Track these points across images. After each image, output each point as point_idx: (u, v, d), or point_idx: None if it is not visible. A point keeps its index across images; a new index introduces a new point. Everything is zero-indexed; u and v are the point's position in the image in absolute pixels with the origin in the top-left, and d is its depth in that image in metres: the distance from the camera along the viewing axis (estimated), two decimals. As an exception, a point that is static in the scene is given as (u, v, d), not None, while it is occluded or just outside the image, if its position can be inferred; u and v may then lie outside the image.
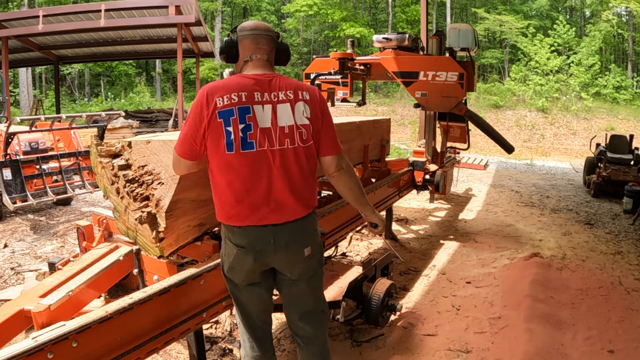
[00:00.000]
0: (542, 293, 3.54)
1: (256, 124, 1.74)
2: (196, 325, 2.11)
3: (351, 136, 3.81)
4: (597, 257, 4.64)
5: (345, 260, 4.42)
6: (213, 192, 1.82)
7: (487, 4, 25.70)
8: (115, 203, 2.17)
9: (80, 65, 23.24)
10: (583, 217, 6.42)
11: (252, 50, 1.84)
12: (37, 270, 4.08)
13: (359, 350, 2.93)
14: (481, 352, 2.85)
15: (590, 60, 20.41)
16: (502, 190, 8.22)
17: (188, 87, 23.89)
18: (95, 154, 2.16)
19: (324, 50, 26.55)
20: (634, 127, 15.78)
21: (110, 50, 13.88)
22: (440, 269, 4.32)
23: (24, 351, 1.45)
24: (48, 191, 5.30)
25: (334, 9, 23.02)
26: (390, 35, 5.05)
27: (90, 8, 10.76)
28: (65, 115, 5.95)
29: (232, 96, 1.73)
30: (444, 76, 4.70)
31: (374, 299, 2.76)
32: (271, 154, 1.75)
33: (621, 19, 22.80)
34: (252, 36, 1.85)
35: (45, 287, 2.28)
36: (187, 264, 2.39)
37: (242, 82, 1.78)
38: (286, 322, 2.09)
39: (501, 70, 24.35)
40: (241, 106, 1.73)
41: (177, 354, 2.84)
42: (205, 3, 24.08)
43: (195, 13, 10.09)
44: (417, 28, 21.93)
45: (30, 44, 12.36)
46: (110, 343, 1.70)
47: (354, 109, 12.82)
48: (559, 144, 16.04)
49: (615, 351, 2.84)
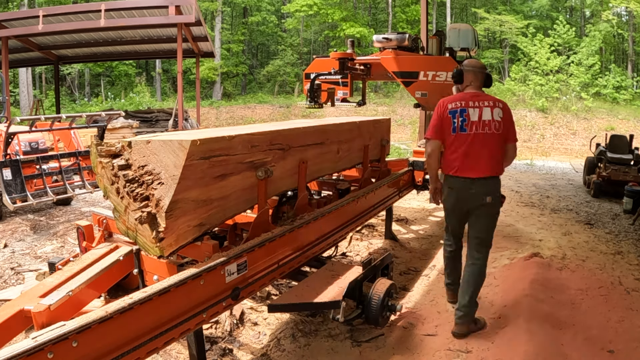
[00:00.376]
0: (542, 293, 3.54)
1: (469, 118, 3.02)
2: (196, 325, 2.11)
3: (351, 136, 3.81)
4: (597, 257, 4.64)
5: (345, 260, 4.42)
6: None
7: (487, 4, 25.71)
8: (115, 203, 2.17)
9: (80, 65, 23.26)
10: (583, 217, 6.42)
11: (470, 80, 3.15)
12: (37, 270, 4.08)
13: (359, 350, 2.93)
14: (481, 352, 2.85)
15: (590, 60, 20.41)
16: (502, 190, 8.21)
17: (188, 87, 23.90)
18: (95, 154, 2.16)
19: (324, 50, 26.57)
20: (634, 127, 15.79)
21: (110, 50, 13.89)
22: (440, 269, 4.32)
23: (24, 351, 1.45)
24: (48, 191, 5.30)
25: (334, 9, 23.04)
26: (390, 35, 5.06)
27: (90, 8, 10.78)
28: (65, 115, 5.95)
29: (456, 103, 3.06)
30: (444, 76, 4.71)
31: (374, 299, 2.76)
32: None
33: (621, 19, 22.81)
34: (472, 71, 3.15)
35: (45, 287, 2.28)
36: (187, 264, 2.39)
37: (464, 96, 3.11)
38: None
39: (501, 70, 24.36)
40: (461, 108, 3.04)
41: (177, 354, 2.85)
42: (205, 3, 24.07)
43: (195, 13, 10.10)
44: (417, 28, 21.95)
45: (30, 44, 12.36)
46: (110, 343, 1.70)
47: (354, 109, 12.83)
48: (559, 144, 16.05)
49: (615, 351, 2.84)
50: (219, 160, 2.25)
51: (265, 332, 3.16)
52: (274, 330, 3.17)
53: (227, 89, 25.37)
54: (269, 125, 3.37)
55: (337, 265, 3.13)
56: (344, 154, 3.68)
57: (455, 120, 3.00)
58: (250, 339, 3.08)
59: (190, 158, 2.04)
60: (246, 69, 27.22)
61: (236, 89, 26.70)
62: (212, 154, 2.19)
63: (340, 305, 2.56)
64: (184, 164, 2.01)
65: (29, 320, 2.10)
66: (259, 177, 2.54)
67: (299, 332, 3.10)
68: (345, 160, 3.76)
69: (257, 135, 2.55)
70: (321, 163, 3.35)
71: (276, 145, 2.71)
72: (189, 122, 12.92)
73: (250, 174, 2.51)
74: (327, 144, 3.37)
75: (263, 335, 3.12)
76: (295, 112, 20.18)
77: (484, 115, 2.99)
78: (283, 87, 25.50)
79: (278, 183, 2.80)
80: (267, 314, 3.30)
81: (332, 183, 4.06)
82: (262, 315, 3.36)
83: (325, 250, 3.38)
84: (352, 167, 4.15)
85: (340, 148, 3.59)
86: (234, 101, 23.02)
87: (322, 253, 3.34)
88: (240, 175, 2.43)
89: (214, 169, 2.23)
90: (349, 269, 2.99)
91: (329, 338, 3.07)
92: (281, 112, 20.36)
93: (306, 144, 3.06)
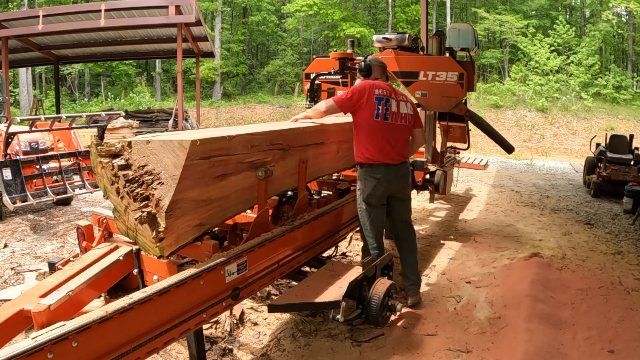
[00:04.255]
0: (542, 293, 3.54)
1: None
2: (196, 325, 2.11)
3: (351, 136, 3.80)
4: (597, 257, 4.64)
5: (345, 260, 4.42)
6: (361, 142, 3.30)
7: (487, 4, 25.69)
8: (115, 203, 2.17)
9: (80, 65, 23.23)
10: (583, 217, 6.42)
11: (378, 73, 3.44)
12: (37, 270, 4.08)
13: (359, 350, 2.93)
14: (481, 352, 2.85)
15: (590, 60, 20.40)
16: (502, 190, 8.22)
17: (188, 87, 23.89)
18: (95, 154, 2.16)
19: (324, 50, 26.56)
20: (634, 127, 15.78)
21: (110, 50, 13.87)
22: (440, 269, 4.32)
23: (24, 351, 1.45)
24: (48, 191, 5.30)
25: (334, 9, 23.01)
26: (390, 35, 5.05)
27: (90, 8, 10.77)
28: (65, 115, 5.95)
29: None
30: (444, 76, 4.71)
31: (374, 299, 2.76)
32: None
33: (621, 19, 22.80)
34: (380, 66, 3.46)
35: (45, 287, 2.28)
36: (187, 264, 2.39)
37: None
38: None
39: (501, 70, 24.33)
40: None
41: (177, 354, 2.85)
42: (205, 3, 24.06)
43: (195, 13, 10.09)
44: (417, 28, 21.94)
45: (30, 44, 12.35)
46: (110, 343, 1.70)
47: (354, 109, 12.77)
48: (559, 144, 16.04)
49: (615, 351, 2.84)
50: (219, 160, 2.25)
51: (265, 332, 3.16)
52: (274, 330, 3.17)
53: (227, 89, 25.35)
54: (269, 125, 3.37)
55: (337, 265, 3.13)
56: (344, 154, 3.68)
57: (380, 107, 3.19)
58: (250, 339, 3.08)
59: (190, 158, 2.04)
60: (246, 69, 27.20)
61: (236, 89, 26.68)
62: (212, 154, 2.19)
63: (340, 305, 2.56)
64: (184, 164, 2.01)
65: (29, 320, 2.09)
66: (259, 177, 2.54)
67: (299, 332, 3.10)
68: (345, 160, 3.76)
69: (257, 135, 2.55)
70: (321, 163, 3.36)
71: (276, 145, 2.71)
72: (189, 122, 12.92)
73: (250, 174, 2.51)
74: (327, 144, 3.37)
75: (263, 335, 3.12)
76: (295, 112, 20.15)
77: (401, 108, 3.31)
78: (283, 87, 25.47)
79: (278, 183, 2.80)
80: (267, 314, 3.31)
81: (332, 183, 4.06)
82: (262, 315, 3.36)
83: (325, 250, 3.38)
84: (352, 167, 4.15)
85: (340, 148, 3.60)
86: (234, 101, 23.00)
87: (322, 253, 3.34)
88: (240, 175, 2.43)
89: (214, 169, 2.23)
90: (349, 269, 2.99)
91: (329, 338, 3.07)
92: (281, 112, 20.35)
93: (306, 144, 3.06)
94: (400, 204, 3.47)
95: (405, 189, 3.50)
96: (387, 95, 3.25)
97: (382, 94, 3.23)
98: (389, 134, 3.24)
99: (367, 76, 3.41)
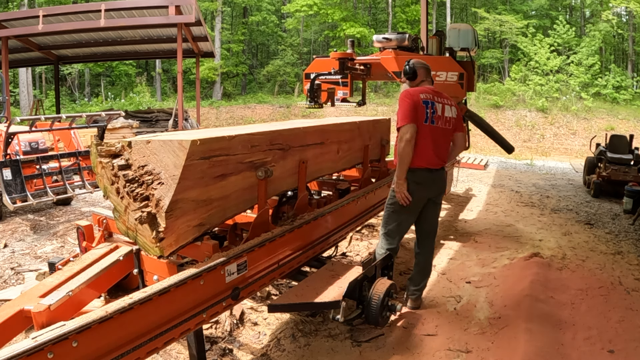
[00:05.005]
0: (542, 293, 3.55)
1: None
2: (196, 325, 2.11)
3: (351, 136, 3.81)
4: (597, 257, 4.64)
5: (345, 260, 4.42)
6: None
7: (487, 4, 25.69)
8: (115, 203, 2.17)
9: (80, 65, 23.24)
10: (583, 217, 6.42)
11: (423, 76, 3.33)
12: (37, 270, 4.08)
13: (359, 350, 2.93)
14: (481, 352, 2.85)
15: (590, 60, 20.40)
16: (502, 190, 8.22)
17: (188, 87, 23.90)
18: (95, 154, 2.16)
19: (324, 50, 26.57)
20: (634, 127, 15.78)
21: (110, 50, 13.87)
22: (440, 269, 4.32)
23: (24, 351, 1.45)
24: (48, 191, 5.30)
25: (334, 9, 23.02)
26: (390, 35, 5.06)
27: (90, 8, 10.76)
28: (65, 115, 5.95)
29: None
30: (444, 76, 4.71)
31: (374, 299, 2.76)
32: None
33: (621, 19, 22.80)
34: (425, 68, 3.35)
35: (45, 287, 2.28)
36: (187, 264, 2.39)
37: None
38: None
39: (501, 70, 24.34)
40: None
41: (177, 354, 2.84)
42: (205, 3, 24.06)
43: (195, 13, 10.09)
44: (417, 28, 21.94)
45: (30, 44, 12.35)
46: (110, 343, 1.70)
47: (354, 109, 12.80)
48: (559, 144, 16.04)
49: (615, 351, 2.84)
50: (219, 160, 2.25)
51: (265, 332, 3.16)
52: (274, 330, 3.17)
53: (227, 89, 25.36)
54: (269, 125, 3.37)
55: (337, 265, 3.13)
56: (344, 154, 3.68)
57: (428, 111, 3.10)
58: (250, 339, 3.08)
59: (190, 158, 2.04)
60: (246, 69, 27.21)
61: (236, 89, 26.69)
62: (212, 154, 2.19)
63: (340, 305, 2.56)
64: (184, 164, 2.01)
65: (29, 320, 2.09)
66: (259, 177, 2.54)
67: (299, 332, 3.10)
68: (345, 160, 3.76)
69: (257, 135, 2.55)
70: (321, 163, 3.36)
71: (276, 145, 2.71)
72: (189, 122, 12.91)
73: (250, 174, 2.51)
74: (327, 144, 3.37)
75: (263, 335, 3.12)
76: (295, 112, 20.17)
77: (446, 112, 3.22)
78: (283, 87, 25.48)
79: (278, 183, 2.80)
80: (267, 314, 3.31)
81: (332, 183, 4.06)
82: (262, 315, 3.36)
83: (325, 250, 3.38)
84: (352, 167, 4.15)
85: (340, 148, 3.60)
86: (234, 101, 23.00)
87: (322, 253, 3.34)
88: (240, 175, 2.43)
89: (214, 169, 2.23)
90: (349, 269, 2.99)
91: (329, 338, 3.07)
92: (281, 112, 20.35)
93: (306, 144, 3.06)
94: (432, 206, 3.37)
95: (442, 193, 3.42)
96: (431, 98, 3.15)
97: (427, 97, 3.14)
98: (434, 138, 3.15)
99: (413, 79, 3.30)
